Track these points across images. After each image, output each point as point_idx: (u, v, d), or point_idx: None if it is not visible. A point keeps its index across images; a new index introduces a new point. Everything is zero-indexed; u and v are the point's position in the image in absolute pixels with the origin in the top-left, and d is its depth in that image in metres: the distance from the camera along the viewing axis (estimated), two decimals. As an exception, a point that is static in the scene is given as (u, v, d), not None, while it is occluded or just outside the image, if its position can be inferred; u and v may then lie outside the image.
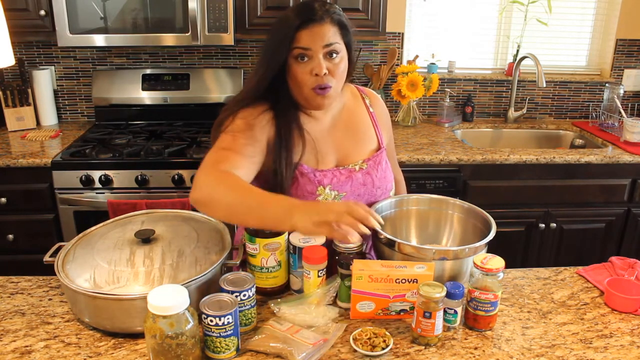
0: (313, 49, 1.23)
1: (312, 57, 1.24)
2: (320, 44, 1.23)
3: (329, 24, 1.24)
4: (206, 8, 2.35)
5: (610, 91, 2.95)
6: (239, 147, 1.23)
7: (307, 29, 1.23)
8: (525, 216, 2.53)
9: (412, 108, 2.87)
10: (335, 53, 1.25)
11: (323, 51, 1.24)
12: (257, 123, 1.28)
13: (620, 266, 1.41)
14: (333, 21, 1.25)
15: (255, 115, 1.29)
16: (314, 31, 1.23)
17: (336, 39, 1.25)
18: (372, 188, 1.39)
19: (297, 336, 1.08)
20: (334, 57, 1.26)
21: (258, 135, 1.27)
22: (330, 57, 1.25)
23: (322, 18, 1.23)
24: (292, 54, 1.25)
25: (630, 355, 1.10)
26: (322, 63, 1.23)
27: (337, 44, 1.25)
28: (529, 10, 2.95)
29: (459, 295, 1.13)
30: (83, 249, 1.20)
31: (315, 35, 1.23)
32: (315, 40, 1.23)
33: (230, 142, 1.24)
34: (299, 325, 1.13)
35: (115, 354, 1.06)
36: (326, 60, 1.25)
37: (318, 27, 1.23)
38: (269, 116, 1.30)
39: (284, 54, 1.25)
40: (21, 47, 2.75)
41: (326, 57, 1.25)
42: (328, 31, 1.24)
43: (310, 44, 1.23)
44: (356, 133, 1.42)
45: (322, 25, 1.23)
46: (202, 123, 2.74)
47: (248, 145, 1.24)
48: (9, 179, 2.26)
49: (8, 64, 1.20)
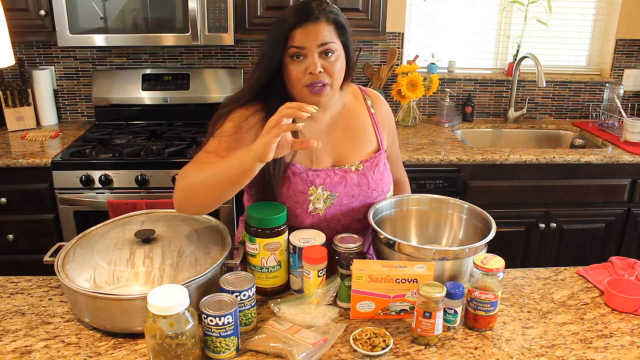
0: (308, 48, 1.24)
1: (307, 56, 1.25)
2: (315, 43, 1.24)
3: (325, 23, 1.25)
4: (206, 8, 2.35)
5: (610, 91, 2.95)
6: (221, 152, 1.27)
7: (302, 28, 1.24)
8: (525, 216, 2.53)
9: (412, 108, 2.87)
10: (331, 52, 1.26)
11: (318, 50, 1.24)
12: (244, 125, 1.30)
13: (620, 266, 1.41)
14: (329, 20, 1.25)
15: (247, 116, 1.31)
16: (309, 30, 1.23)
17: (332, 38, 1.26)
18: (367, 190, 1.39)
19: (297, 336, 1.08)
20: (330, 55, 1.26)
21: (245, 138, 1.30)
22: (325, 56, 1.26)
23: (318, 17, 1.24)
24: (287, 52, 1.25)
25: (630, 355, 1.10)
26: (316, 61, 1.24)
27: (333, 43, 1.26)
28: (529, 10, 2.95)
29: (459, 295, 1.13)
30: (83, 249, 1.21)
31: (310, 34, 1.23)
32: (310, 39, 1.24)
33: (215, 146, 1.29)
34: (299, 325, 1.13)
35: (115, 354, 1.06)
36: (321, 58, 1.25)
37: (313, 26, 1.24)
38: (260, 116, 1.31)
39: (279, 52, 1.26)
40: (21, 47, 2.75)
41: (321, 55, 1.25)
42: (323, 30, 1.24)
43: (305, 43, 1.24)
44: (355, 134, 1.42)
45: (317, 24, 1.24)
46: (202, 123, 2.74)
47: (231, 149, 1.27)
48: (9, 179, 2.26)
49: (8, 64, 1.20)
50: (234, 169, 1.13)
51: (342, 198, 1.36)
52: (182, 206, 1.23)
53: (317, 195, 1.34)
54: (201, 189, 1.18)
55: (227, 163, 1.15)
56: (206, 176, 1.17)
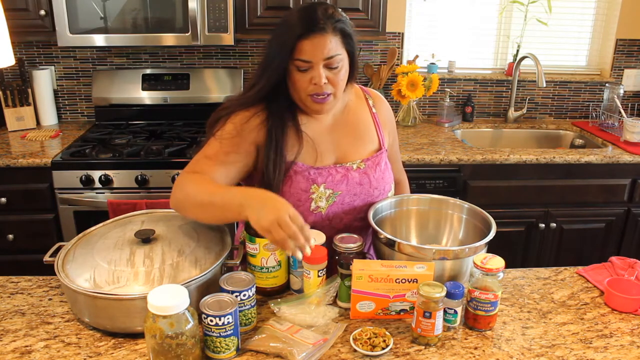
0: (313, 62, 1.23)
1: (312, 68, 1.24)
2: (321, 57, 1.22)
3: (331, 34, 1.23)
4: (206, 8, 2.35)
5: (610, 91, 2.95)
6: (221, 156, 1.29)
7: (308, 40, 1.21)
8: (525, 216, 2.53)
9: (412, 108, 2.87)
10: (336, 63, 1.25)
11: (323, 63, 1.23)
12: (246, 127, 1.30)
13: (620, 266, 1.41)
14: (335, 30, 1.23)
15: (248, 118, 1.31)
16: (314, 42, 1.21)
17: (337, 49, 1.24)
18: (369, 188, 1.39)
19: (297, 336, 1.08)
20: (335, 67, 1.25)
21: (245, 140, 1.30)
22: (330, 67, 1.25)
23: (324, 28, 1.22)
24: (293, 62, 1.24)
25: (630, 355, 1.10)
26: (321, 73, 1.23)
27: (338, 55, 1.24)
28: (529, 10, 2.95)
29: (459, 295, 1.13)
30: (83, 249, 1.20)
31: (316, 47, 1.22)
32: (315, 53, 1.22)
33: (215, 150, 1.29)
34: (299, 325, 1.13)
35: (115, 354, 1.06)
36: (326, 69, 1.25)
37: (319, 38, 1.22)
38: (262, 117, 1.31)
39: (285, 61, 1.24)
40: (21, 47, 2.75)
41: (326, 67, 1.25)
42: (329, 42, 1.22)
43: (310, 56, 1.22)
44: (356, 133, 1.42)
45: (323, 35, 1.22)
46: (202, 123, 2.69)
47: (232, 153, 1.29)
48: (9, 179, 2.26)
49: (8, 64, 1.20)
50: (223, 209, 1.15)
51: (344, 196, 1.36)
52: (177, 208, 1.28)
53: (319, 193, 1.34)
54: (194, 209, 1.22)
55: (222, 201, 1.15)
56: (201, 200, 1.19)
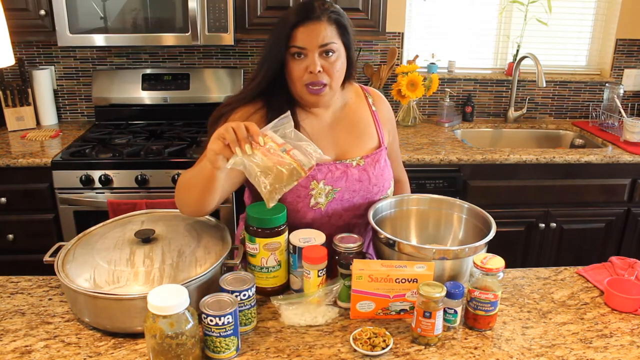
0: (308, 48, 1.25)
1: (307, 55, 1.26)
2: (316, 44, 1.25)
3: (326, 23, 1.26)
4: (206, 8, 2.35)
5: (610, 91, 2.95)
6: None
7: (303, 27, 1.25)
8: (525, 216, 2.53)
9: (412, 108, 2.87)
10: (331, 52, 1.27)
11: (318, 50, 1.25)
12: None
13: (620, 266, 1.41)
14: (330, 20, 1.26)
15: (249, 114, 1.32)
16: (310, 29, 1.24)
17: (333, 38, 1.26)
18: (369, 185, 1.39)
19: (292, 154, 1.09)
20: (330, 55, 1.27)
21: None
22: (326, 56, 1.27)
23: (319, 17, 1.25)
24: (289, 51, 1.27)
25: (630, 355, 1.10)
26: (316, 61, 1.25)
27: (333, 44, 1.27)
28: (529, 10, 2.95)
29: (459, 295, 1.13)
30: (83, 249, 1.21)
31: (311, 34, 1.24)
32: (311, 39, 1.24)
33: None
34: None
35: (115, 354, 1.06)
36: (321, 58, 1.26)
37: (314, 25, 1.25)
38: (262, 113, 1.32)
39: (282, 51, 1.27)
40: (21, 47, 2.75)
41: (322, 55, 1.26)
42: (324, 30, 1.25)
43: (305, 43, 1.25)
44: (356, 130, 1.43)
45: (318, 23, 1.25)
46: (202, 123, 2.74)
47: None
48: (9, 179, 2.26)
49: (8, 64, 1.20)
50: (200, 175, 1.17)
51: (344, 193, 1.37)
52: (178, 206, 1.29)
53: (318, 189, 1.34)
54: (184, 195, 1.24)
55: (198, 166, 1.19)
56: (187, 182, 1.22)
